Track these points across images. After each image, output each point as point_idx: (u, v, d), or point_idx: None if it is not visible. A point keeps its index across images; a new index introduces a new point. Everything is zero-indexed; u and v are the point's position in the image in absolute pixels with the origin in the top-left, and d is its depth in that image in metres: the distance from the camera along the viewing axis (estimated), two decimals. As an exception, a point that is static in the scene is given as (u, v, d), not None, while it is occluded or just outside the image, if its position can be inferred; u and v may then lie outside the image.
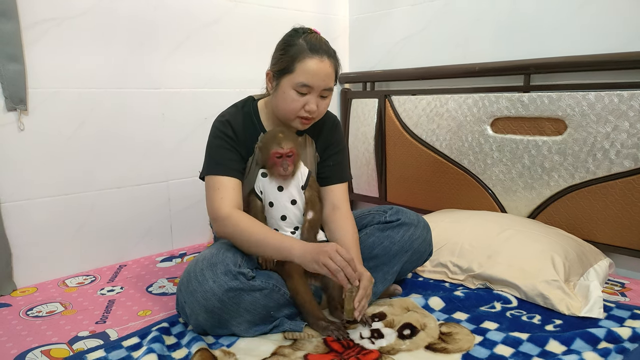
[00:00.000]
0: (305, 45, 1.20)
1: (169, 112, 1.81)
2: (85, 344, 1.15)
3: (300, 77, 1.19)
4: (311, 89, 1.21)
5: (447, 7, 1.94)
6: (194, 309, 1.10)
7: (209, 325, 1.12)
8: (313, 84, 1.20)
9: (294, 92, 1.21)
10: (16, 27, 1.42)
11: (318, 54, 1.19)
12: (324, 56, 1.20)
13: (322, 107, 1.26)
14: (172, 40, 1.78)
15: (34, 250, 1.55)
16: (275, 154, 1.20)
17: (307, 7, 2.19)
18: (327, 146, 1.38)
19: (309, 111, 1.22)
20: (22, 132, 1.49)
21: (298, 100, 1.21)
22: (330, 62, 1.22)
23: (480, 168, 1.82)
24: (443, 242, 1.53)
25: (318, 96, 1.23)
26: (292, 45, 1.21)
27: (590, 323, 1.16)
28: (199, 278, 1.10)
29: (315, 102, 1.22)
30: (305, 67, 1.19)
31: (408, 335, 1.13)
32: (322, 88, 1.22)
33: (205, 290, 1.09)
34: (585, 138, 1.54)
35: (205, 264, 1.12)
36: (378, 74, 2.18)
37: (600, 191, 1.54)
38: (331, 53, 1.23)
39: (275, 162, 1.21)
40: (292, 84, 1.20)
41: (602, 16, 1.55)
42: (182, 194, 1.88)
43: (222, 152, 1.25)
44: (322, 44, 1.22)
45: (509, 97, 1.69)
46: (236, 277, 1.10)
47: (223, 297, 1.08)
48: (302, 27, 1.26)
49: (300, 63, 1.19)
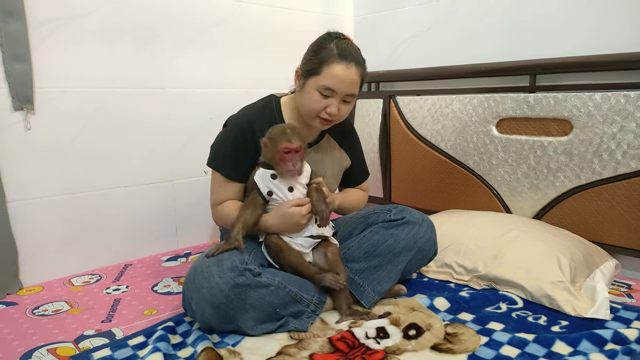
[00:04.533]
0: (335, 50, 1.24)
1: (174, 113, 1.81)
2: (91, 343, 1.15)
3: (325, 80, 1.23)
4: (334, 93, 1.25)
5: (452, 7, 1.94)
6: (201, 304, 1.11)
7: (215, 321, 1.13)
8: (337, 88, 1.24)
9: (318, 94, 1.25)
10: (23, 27, 1.43)
11: (346, 60, 1.23)
12: (352, 63, 1.24)
13: (344, 111, 1.30)
14: (177, 41, 1.78)
15: (40, 249, 1.56)
16: (284, 149, 1.19)
17: (312, 8, 2.19)
18: (353, 150, 1.49)
19: (329, 113, 1.27)
20: (28, 132, 1.50)
21: (321, 101, 1.26)
22: (357, 70, 1.26)
23: (486, 168, 1.82)
24: (448, 243, 1.53)
25: (340, 100, 1.27)
26: (323, 48, 1.25)
27: (597, 324, 1.16)
28: (205, 274, 1.11)
29: (337, 105, 1.27)
30: (332, 72, 1.23)
31: (413, 335, 1.13)
32: (345, 93, 1.26)
33: (211, 286, 1.09)
34: (592, 139, 1.54)
35: (212, 260, 1.13)
36: (383, 74, 2.18)
37: (607, 192, 1.53)
38: (359, 61, 1.27)
39: (284, 157, 1.20)
40: (317, 85, 1.25)
41: (608, 16, 1.54)
42: (188, 194, 1.88)
43: (233, 155, 1.30)
44: (352, 50, 1.26)
45: (515, 98, 1.69)
46: (242, 273, 1.11)
47: (229, 293, 1.09)
48: (336, 32, 1.30)
49: (328, 67, 1.23)
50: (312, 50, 1.28)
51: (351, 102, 1.30)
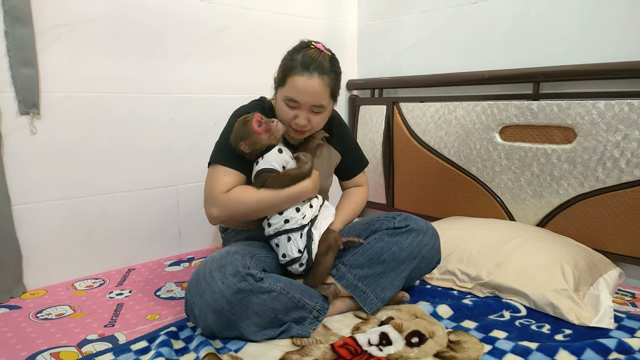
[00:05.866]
0: (299, 60, 1.24)
1: (178, 117, 1.82)
2: (94, 347, 1.15)
3: (288, 91, 1.25)
4: (299, 104, 1.26)
5: (457, 14, 1.95)
6: (203, 310, 1.11)
7: (218, 327, 1.13)
8: (300, 99, 1.24)
9: (285, 105, 1.28)
10: (30, 32, 1.44)
11: (307, 71, 1.22)
12: (314, 73, 1.22)
13: (315, 121, 1.30)
14: (182, 46, 1.80)
15: (43, 253, 1.56)
16: (255, 122, 1.23)
17: (316, 14, 2.20)
18: (344, 143, 1.49)
19: (297, 124, 1.27)
20: (34, 136, 1.51)
21: (288, 112, 1.28)
22: (320, 80, 1.23)
23: (489, 176, 1.82)
24: (451, 250, 1.53)
25: (309, 111, 1.27)
26: (290, 59, 1.26)
27: (601, 333, 1.15)
28: (207, 279, 1.11)
29: (305, 117, 1.27)
30: (294, 83, 1.24)
31: (416, 343, 1.13)
32: (310, 104, 1.25)
33: (214, 291, 1.09)
34: (595, 147, 1.54)
35: (214, 266, 1.13)
36: (386, 80, 2.19)
37: (610, 200, 1.53)
38: (325, 70, 1.24)
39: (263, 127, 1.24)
40: (283, 96, 1.28)
41: (613, 25, 1.54)
42: (191, 199, 1.89)
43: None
44: (316, 60, 1.23)
45: (518, 105, 1.69)
46: (245, 278, 1.11)
47: (231, 299, 1.09)
48: (307, 41, 1.30)
49: (290, 78, 1.24)
50: (282, 61, 1.29)
51: (322, 113, 1.29)
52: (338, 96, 1.33)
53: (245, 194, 1.25)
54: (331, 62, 1.27)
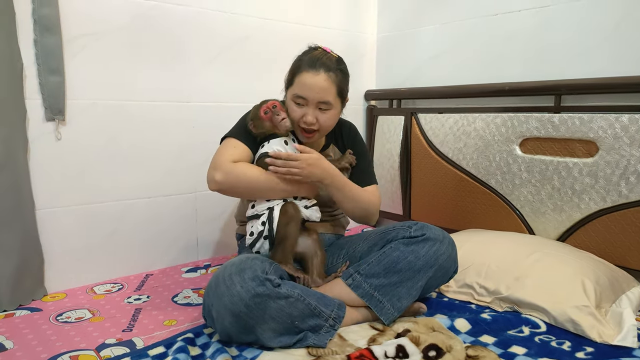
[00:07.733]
0: (305, 60, 1.32)
1: (199, 125, 1.85)
2: (112, 352, 1.17)
3: (296, 89, 1.33)
4: (306, 101, 1.32)
5: (477, 26, 1.94)
6: (221, 312, 1.12)
7: (235, 330, 1.13)
8: (306, 95, 1.31)
9: (293, 104, 1.35)
10: (58, 41, 1.49)
11: (313, 67, 1.31)
12: (320, 70, 1.30)
13: (323, 119, 1.35)
14: (203, 56, 1.83)
15: (64, 257, 1.59)
16: (265, 108, 1.31)
17: (336, 25, 2.22)
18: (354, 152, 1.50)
19: (306, 122, 1.33)
20: (59, 142, 1.55)
21: (296, 111, 1.34)
22: (326, 76, 1.31)
23: (508, 188, 1.80)
24: (469, 263, 1.51)
25: (316, 109, 1.33)
26: (297, 61, 1.36)
27: (624, 352, 1.12)
28: (227, 282, 1.12)
29: (312, 114, 1.33)
30: (301, 80, 1.32)
31: (434, 357, 1.11)
32: (317, 100, 1.32)
33: (232, 294, 1.10)
34: (618, 161, 1.51)
35: (233, 269, 1.14)
36: (405, 91, 2.19)
37: (634, 215, 1.50)
38: (331, 67, 1.32)
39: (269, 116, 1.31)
40: (291, 95, 1.35)
41: (636, 38, 1.52)
42: (209, 206, 1.91)
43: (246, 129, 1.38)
44: (322, 59, 1.31)
45: (539, 118, 1.68)
46: (263, 283, 1.11)
47: (250, 302, 1.10)
48: (314, 46, 1.38)
49: (298, 77, 1.33)
50: (290, 65, 1.38)
51: (329, 111, 1.34)
52: (346, 98, 1.40)
53: (251, 170, 1.31)
54: (337, 62, 1.35)
